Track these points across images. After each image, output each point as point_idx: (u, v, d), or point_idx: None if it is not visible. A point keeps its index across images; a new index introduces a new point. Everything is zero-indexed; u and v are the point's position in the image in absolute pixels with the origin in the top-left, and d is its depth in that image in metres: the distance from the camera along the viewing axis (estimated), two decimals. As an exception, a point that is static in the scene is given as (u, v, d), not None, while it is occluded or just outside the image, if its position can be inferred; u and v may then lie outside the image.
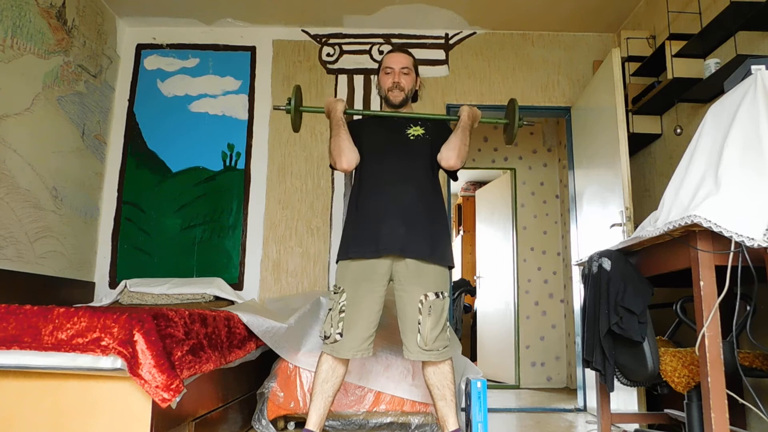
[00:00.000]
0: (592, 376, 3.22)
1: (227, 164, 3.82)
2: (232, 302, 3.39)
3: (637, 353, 1.94)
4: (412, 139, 2.27)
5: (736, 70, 1.97)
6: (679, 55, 2.87)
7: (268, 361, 2.89)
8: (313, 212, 3.77)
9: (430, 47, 4.00)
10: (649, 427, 2.64)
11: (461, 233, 7.14)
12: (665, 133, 3.29)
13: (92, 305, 3.12)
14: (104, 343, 1.68)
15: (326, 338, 2.14)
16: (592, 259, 2.20)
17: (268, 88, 3.92)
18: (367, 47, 4.00)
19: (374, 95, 3.89)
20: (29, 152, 3.00)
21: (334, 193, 3.80)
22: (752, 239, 1.55)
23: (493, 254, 5.54)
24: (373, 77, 3.92)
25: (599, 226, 3.32)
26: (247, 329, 2.56)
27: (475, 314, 6.11)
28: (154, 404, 1.71)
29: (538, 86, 3.94)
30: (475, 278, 6.04)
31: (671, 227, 1.70)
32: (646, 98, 3.14)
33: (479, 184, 6.91)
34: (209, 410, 2.22)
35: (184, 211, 3.76)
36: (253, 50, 3.98)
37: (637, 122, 3.31)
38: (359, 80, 3.94)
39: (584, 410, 3.60)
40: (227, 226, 3.74)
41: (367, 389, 2.70)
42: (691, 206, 1.71)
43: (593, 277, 2.15)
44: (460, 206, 7.27)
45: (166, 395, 1.67)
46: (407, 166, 2.22)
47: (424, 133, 2.29)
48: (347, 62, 3.97)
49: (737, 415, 2.32)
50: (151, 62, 3.96)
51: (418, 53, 3.94)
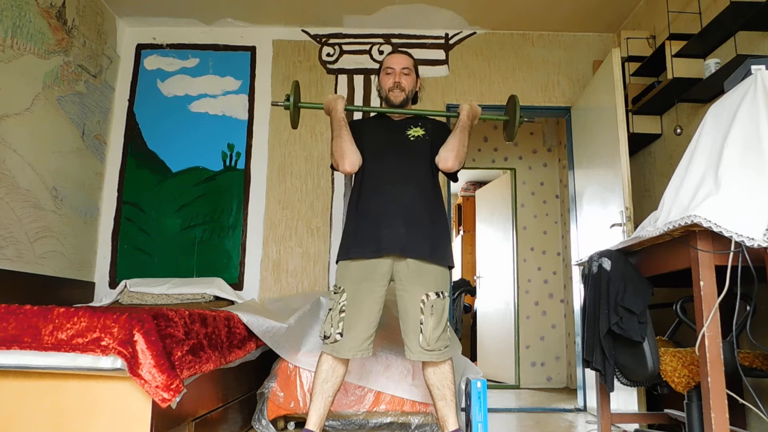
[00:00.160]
0: (592, 376, 3.22)
1: (227, 164, 3.82)
2: (232, 302, 3.39)
3: (637, 353, 1.94)
4: (412, 140, 2.27)
5: (736, 70, 1.97)
6: (679, 55, 2.87)
7: (268, 361, 2.89)
8: (313, 212, 3.77)
9: (430, 47, 4.00)
10: (649, 427, 2.64)
11: (461, 233, 7.14)
12: (665, 133, 3.29)
13: (92, 305, 3.12)
14: (104, 343, 1.68)
15: (326, 338, 2.14)
16: (592, 259, 2.20)
17: (268, 88, 3.92)
18: (367, 47, 3.99)
19: (374, 95, 3.88)
20: (29, 152, 3.00)
21: (334, 193, 3.80)
22: (752, 239, 1.55)
23: (493, 254, 5.54)
24: (373, 77, 3.91)
25: (599, 226, 3.32)
26: (247, 329, 2.56)
27: (475, 314, 6.11)
28: (154, 404, 1.71)
29: (538, 86, 3.94)
30: (475, 278, 6.04)
31: (671, 227, 1.70)
32: (646, 98, 3.14)
33: (479, 184, 6.91)
34: (209, 410, 2.22)
35: (184, 211, 3.76)
36: (253, 50, 3.98)
37: (637, 122, 3.31)
38: (359, 80, 3.94)
39: (584, 410, 3.60)
40: (227, 226, 3.74)
41: (367, 389, 2.70)
42: (691, 206, 1.71)
43: (593, 277, 2.15)
44: (460, 206, 7.27)
45: (166, 395, 1.67)
46: (407, 166, 2.22)
47: (424, 134, 2.29)
48: (347, 62, 3.97)
49: (737, 415, 2.32)
50: (151, 62, 3.96)
51: (418, 53, 3.94)
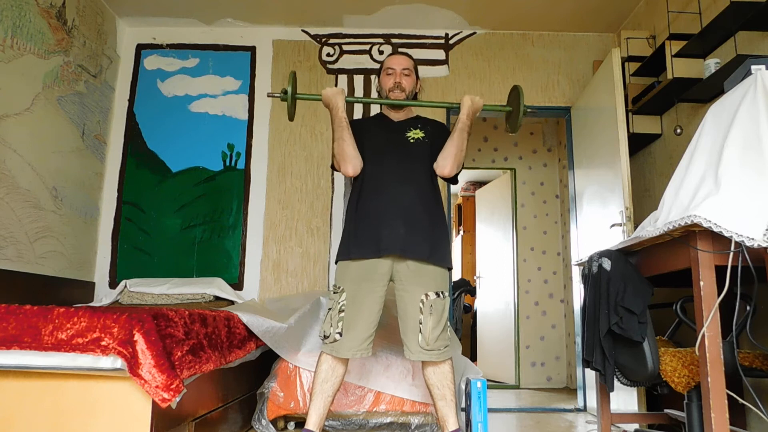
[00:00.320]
0: (592, 376, 3.22)
1: (227, 164, 3.82)
2: (232, 302, 3.39)
3: (637, 353, 1.94)
4: (412, 142, 2.28)
5: (736, 70, 1.97)
6: (679, 55, 2.87)
7: (268, 361, 2.89)
8: (313, 212, 3.77)
9: (430, 47, 4.00)
10: (649, 427, 2.64)
11: (461, 233, 7.14)
12: (665, 133, 3.28)
13: (92, 305, 3.12)
14: (104, 343, 1.68)
15: (326, 338, 2.14)
16: (592, 259, 2.20)
17: (268, 88, 3.92)
18: (367, 47, 4.00)
19: (374, 96, 3.88)
20: (29, 152, 3.00)
21: (334, 193, 3.80)
22: (752, 239, 1.55)
23: (493, 254, 5.54)
24: (373, 77, 3.92)
25: (599, 226, 3.32)
26: (247, 329, 2.56)
27: (475, 314, 6.11)
28: (154, 404, 1.71)
29: (538, 86, 3.94)
30: (475, 278, 6.04)
31: (671, 227, 1.70)
32: (646, 98, 3.14)
33: (479, 184, 6.91)
34: (209, 410, 2.22)
35: (184, 211, 3.76)
36: (253, 50, 3.98)
37: (637, 122, 3.31)
38: (359, 80, 3.94)
39: (584, 410, 3.60)
40: (227, 226, 3.74)
41: (367, 389, 2.70)
42: (691, 206, 1.71)
43: (593, 277, 2.15)
44: (460, 206, 7.27)
45: (166, 395, 1.67)
46: (407, 168, 2.23)
47: (423, 136, 2.30)
48: (347, 62, 3.97)
49: (737, 415, 2.32)
50: (151, 62, 3.96)
51: (418, 53, 3.94)
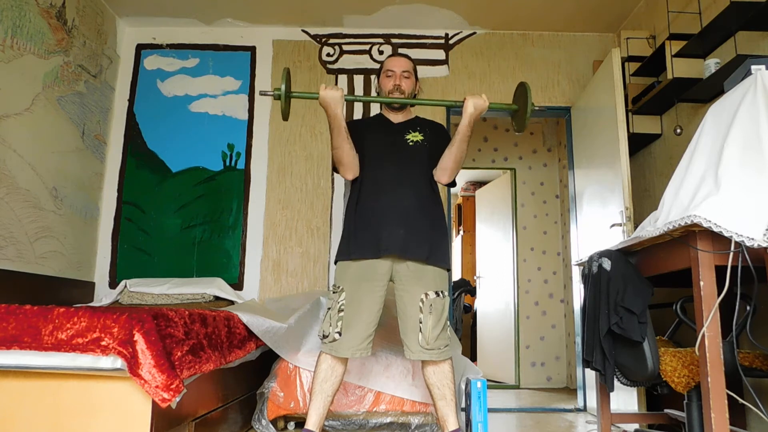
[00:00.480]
0: (592, 376, 3.22)
1: (227, 164, 3.82)
2: (232, 302, 3.39)
3: (637, 353, 1.94)
4: (411, 144, 2.28)
5: (736, 70, 1.97)
6: (679, 55, 2.87)
7: (268, 361, 2.89)
8: (313, 212, 3.77)
9: (430, 47, 4.00)
10: (649, 427, 2.64)
11: (461, 233, 7.14)
12: (665, 133, 3.28)
13: (92, 305, 3.11)
14: (104, 343, 1.68)
15: (325, 337, 2.14)
16: (592, 259, 2.20)
17: (268, 88, 3.91)
18: (367, 47, 3.99)
19: (374, 96, 3.89)
20: (29, 152, 3.00)
21: (334, 193, 3.80)
22: (752, 239, 1.55)
23: (493, 254, 5.54)
24: (373, 77, 3.91)
25: (599, 226, 3.32)
26: (247, 329, 2.56)
27: (475, 314, 6.11)
28: (154, 404, 1.71)
29: (538, 86, 3.94)
30: (475, 278, 6.04)
31: (671, 227, 1.70)
32: (646, 98, 3.14)
33: (479, 184, 6.91)
34: (209, 410, 2.22)
35: (184, 211, 3.75)
36: (253, 50, 3.98)
37: (637, 122, 3.31)
38: (359, 80, 3.94)
39: (584, 410, 3.60)
40: (227, 226, 3.74)
41: (367, 389, 2.70)
42: (691, 206, 1.71)
43: (593, 277, 2.15)
44: (460, 206, 7.27)
45: (166, 395, 1.67)
46: (406, 171, 2.23)
47: (422, 139, 2.30)
48: (347, 62, 3.97)
49: (737, 415, 2.31)
50: (151, 62, 3.96)
51: (418, 53, 3.94)
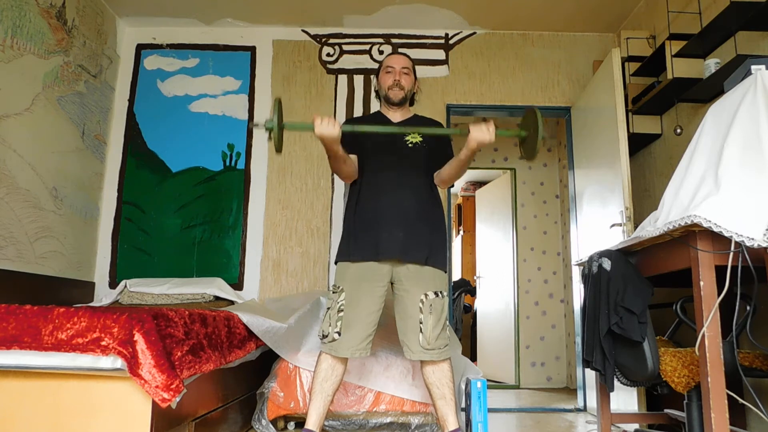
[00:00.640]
0: (592, 376, 3.22)
1: (227, 164, 3.82)
2: (232, 302, 3.39)
3: (637, 353, 1.94)
4: (410, 146, 2.29)
5: (736, 70, 1.97)
6: (679, 55, 2.87)
7: (268, 361, 2.89)
8: (313, 212, 3.77)
9: (430, 47, 3.99)
10: (649, 427, 2.63)
11: (461, 233, 7.13)
12: (665, 133, 3.28)
13: (92, 305, 3.11)
14: (104, 343, 1.68)
15: (324, 337, 2.14)
16: (592, 259, 2.20)
17: (268, 88, 3.92)
18: (367, 47, 3.99)
19: (374, 96, 3.89)
20: (29, 152, 3.00)
21: (334, 193, 3.80)
22: (752, 239, 1.55)
23: (493, 254, 5.54)
24: (373, 77, 3.91)
25: (599, 226, 3.32)
26: (247, 329, 2.56)
27: (475, 314, 6.10)
28: (154, 404, 1.71)
29: (538, 86, 3.94)
30: (475, 278, 6.04)
31: (671, 227, 1.69)
32: (646, 98, 3.14)
33: (479, 184, 6.91)
34: (209, 410, 2.21)
35: (184, 211, 3.75)
36: (253, 50, 3.98)
37: (637, 122, 3.31)
38: (359, 80, 3.94)
39: (584, 410, 3.60)
40: (227, 226, 3.74)
41: (367, 389, 2.70)
42: (691, 206, 1.71)
43: (593, 277, 2.15)
44: (460, 206, 7.27)
45: (166, 395, 1.67)
46: (405, 172, 2.23)
47: (421, 141, 2.30)
48: (347, 62, 3.97)
49: (737, 415, 2.31)
50: (151, 62, 3.96)
51: (418, 53, 3.95)
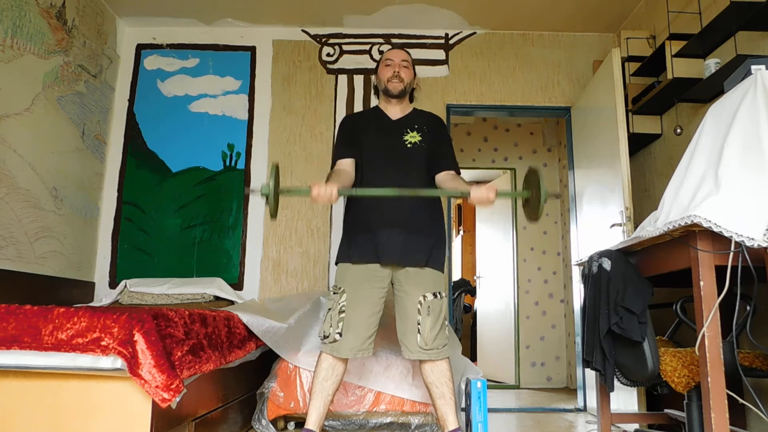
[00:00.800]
0: (592, 376, 3.22)
1: (227, 164, 3.82)
2: (232, 302, 3.39)
3: (637, 353, 1.94)
4: (409, 146, 2.29)
5: (736, 70, 1.97)
6: (679, 55, 2.87)
7: (268, 361, 2.89)
8: (313, 212, 3.77)
9: (430, 47, 3.99)
10: (649, 427, 2.63)
11: (461, 233, 7.13)
12: (665, 133, 3.28)
13: (92, 305, 3.11)
14: (104, 343, 1.68)
15: (325, 338, 2.14)
16: (592, 259, 2.20)
17: (268, 88, 3.92)
18: (367, 47, 3.99)
19: (373, 94, 3.89)
20: (29, 152, 3.00)
21: (334, 193, 3.79)
22: (752, 239, 1.55)
23: (493, 254, 5.54)
24: (373, 77, 3.91)
25: (599, 226, 3.32)
26: (247, 329, 2.56)
27: (475, 314, 6.11)
28: (154, 404, 1.71)
29: (538, 86, 3.94)
30: (475, 278, 6.04)
31: (671, 227, 1.69)
32: (646, 98, 3.14)
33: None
34: (209, 410, 2.21)
35: (184, 211, 3.75)
36: (253, 50, 3.98)
37: (637, 122, 3.31)
38: (359, 80, 3.94)
39: (584, 410, 3.60)
40: (227, 226, 3.74)
41: (367, 389, 2.70)
42: (691, 206, 1.71)
43: (593, 277, 2.15)
44: (460, 206, 7.27)
45: (166, 395, 1.67)
46: (404, 174, 2.23)
47: (420, 140, 2.31)
48: (347, 62, 3.97)
49: (737, 415, 2.31)
50: (151, 62, 3.96)
51: (418, 53, 3.94)
